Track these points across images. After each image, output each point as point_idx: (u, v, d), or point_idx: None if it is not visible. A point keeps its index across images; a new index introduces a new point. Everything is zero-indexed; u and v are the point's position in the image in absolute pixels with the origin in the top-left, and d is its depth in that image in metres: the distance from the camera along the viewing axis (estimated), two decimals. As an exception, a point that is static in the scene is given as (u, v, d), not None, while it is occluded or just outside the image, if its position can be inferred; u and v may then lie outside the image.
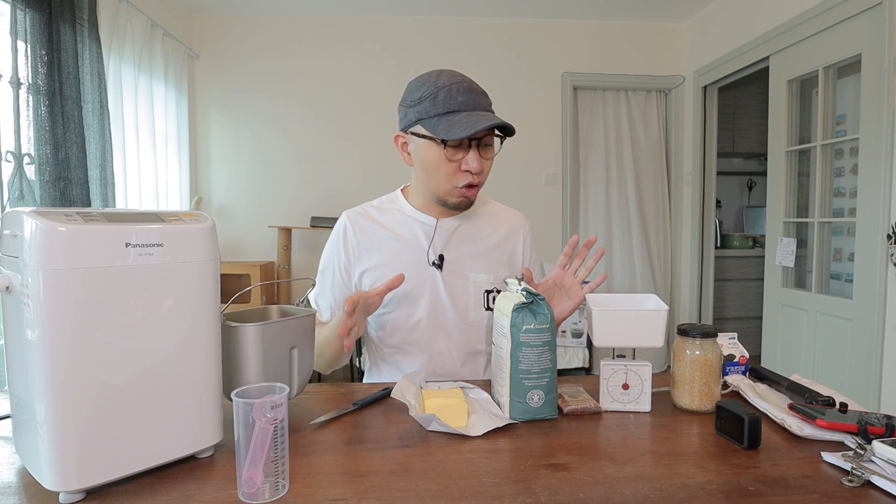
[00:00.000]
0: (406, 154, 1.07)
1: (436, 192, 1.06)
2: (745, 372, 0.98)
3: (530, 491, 0.60)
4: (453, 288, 1.10)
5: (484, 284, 1.12)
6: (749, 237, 4.38)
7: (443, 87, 0.97)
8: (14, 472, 0.65)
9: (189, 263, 0.64)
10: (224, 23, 3.43)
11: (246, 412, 0.58)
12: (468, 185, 1.02)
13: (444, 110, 0.97)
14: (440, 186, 1.04)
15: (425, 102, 0.98)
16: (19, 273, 0.56)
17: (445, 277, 1.10)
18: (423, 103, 0.98)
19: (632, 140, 3.67)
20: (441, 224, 1.11)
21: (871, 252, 2.19)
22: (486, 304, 1.12)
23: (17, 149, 1.85)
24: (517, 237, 1.18)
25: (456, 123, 0.95)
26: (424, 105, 0.98)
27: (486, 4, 3.34)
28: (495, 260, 1.14)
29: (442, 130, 0.96)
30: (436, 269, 1.10)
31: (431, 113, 0.97)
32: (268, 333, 0.76)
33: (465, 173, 1.01)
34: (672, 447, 0.73)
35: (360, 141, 3.48)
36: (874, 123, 2.16)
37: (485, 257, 1.13)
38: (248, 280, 3.14)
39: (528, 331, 0.81)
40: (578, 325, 3.07)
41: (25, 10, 1.88)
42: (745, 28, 2.98)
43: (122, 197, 2.49)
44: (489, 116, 0.98)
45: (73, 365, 0.56)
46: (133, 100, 2.63)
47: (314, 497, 0.59)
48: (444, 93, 0.97)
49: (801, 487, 0.61)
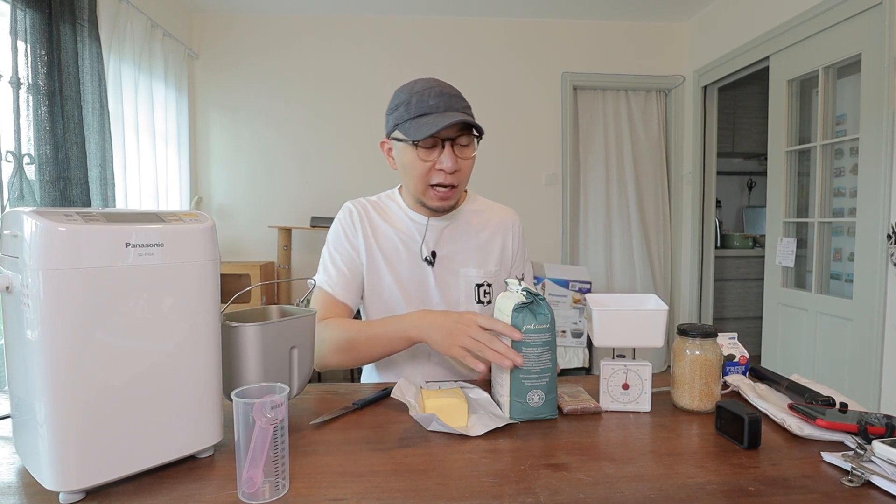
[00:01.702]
0: (391, 159, 1.12)
1: (414, 194, 1.09)
2: (745, 372, 0.98)
3: (530, 491, 0.60)
4: (445, 284, 1.12)
5: (474, 279, 1.14)
6: (749, 237, 4.38)
7: (416, 92, 1.02)
8: (14, 472, 0.65)
9: (189, 263, 0.64)
10: (224, 23, 3.43)
11: (246, 412, 0.58)
12: (442, 185, 1.04)
13: (416, 113, 1.01)
14: (416, 187, 1.07)
15: (401, 108, 1.03)
16: (19, 273, 0.56)
17: (437, 273, 1.13)
18: (399, 109, 1.04)
19: (632, 140, 3.67)
20: (432, 223, 1.14)
21: (871, 252, 2.19)
22: (476, 298, 1.14)
23: (17, 149, 1.85)
24: (507, 232, 1.21)
25: (424, 124, 0.99)
26: (400, 111, 1.03)
27: (486, 4, 3.34)
28: (486, 255, 1.17)
29: (412, 132, 1.01)
30: (428, 265, 1.12)
31: (405, 117, 1.02)
32: (268, 333, 0.76)
33: (439, 172, 1.03)
34: (672, 447, 0.73)
35: (359, 141, 3.48)
36: (874, 123, 2.16)
37: (475, 253, 1.16)
38: (248, 280, 3.14)
39: (528, 331, 0.81)
40: (578, 325, 3.07)
41: (25, 10, 1.88)
42: (745, 28, 2.98)
43: (122, 197, 2.49)
44: (455, 115, 1.00)
45: (73, 365, 0.56)
46: (133, 100, 2.63)
47: (314, 497, 0.59)
48: (417, 97, 1.02)
49: (801, 487, 0.61)
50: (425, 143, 1.01)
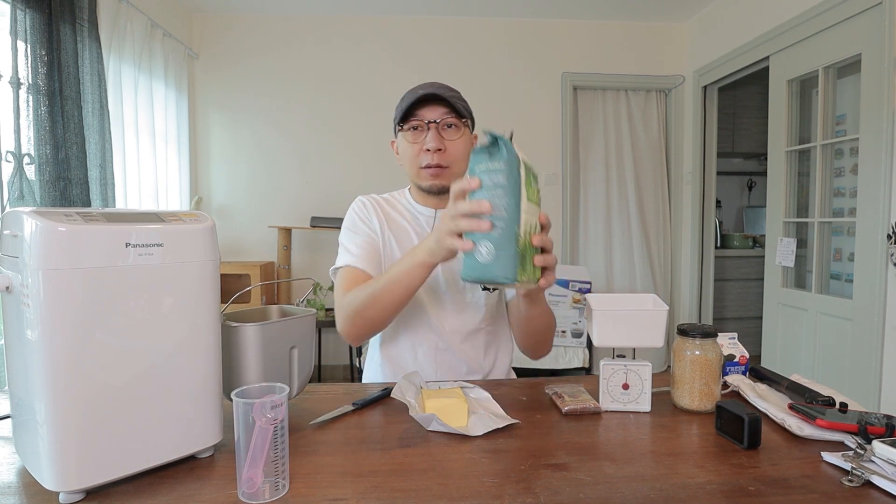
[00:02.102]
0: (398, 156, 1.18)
1: (411, 178, 1.15)
2: (745, 372, 0.98)
3: (530, 491, 0.60)
4: (451, 273, 1.13)
5: None
6: (749, 237, 4.38)
7: (410, 90, 1.11)
8: (14, 472, 0.65)
9: (189, 263, 0.64)
10: (224, 23, 3.43)
11: (246, 412, 0.58)
12: (430, 166, 1.09)
13: (405, 105, 1.09)
14: (411, 171, 1.13)
15: (398, 106, 1.12)
16: (19, 273, 0.56)
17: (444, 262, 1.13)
18: (397, 108, 1.12)
19: (632, 140, 3.66)
20: (441, 213, 1.16)
21: (871, 252, 2.19)
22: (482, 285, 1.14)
23: (17, 149, 1.85)
24: None
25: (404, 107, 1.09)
26: (398, 108, 1.12)
27: (486, 4, 3.34)
28: None
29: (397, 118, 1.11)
30: None
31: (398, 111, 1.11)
32: (268, 333, 0.76)
33: (426, 153, 1.09)
34: (672, 447, 0.73)
35: (360, 141, 3.48)
36: (874, 123, 2.16)
37: None
38: (248, 280, 3.14)
39: (480, 172, 0.74)
40: (578, 325, 3.07)
41: (25, 10, 1.88)
42: (745, 28, 2.98)
43: (122, 197, 2.49)
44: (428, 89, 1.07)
45: (72, 365, 0.56)
46: (133, 100, 2.63)
47: (314, 497, 0.59)
48: (410, 92, 1.10)
49: (801, 487, 0.61)
50: (410, 124, 1.09)
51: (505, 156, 0.73)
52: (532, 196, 0.75)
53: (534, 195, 0.76)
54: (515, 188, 0.73)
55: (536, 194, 0.77)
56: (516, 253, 0.72)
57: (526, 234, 0.74)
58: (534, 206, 0.76)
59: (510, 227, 0.72)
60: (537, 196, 0.77)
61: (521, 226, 0.73)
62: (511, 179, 0.72)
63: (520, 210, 0.73)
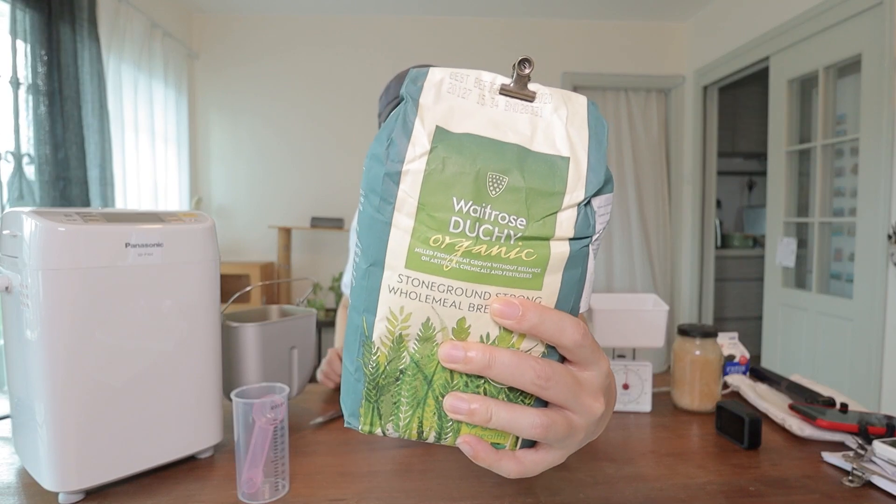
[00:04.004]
0: None
1: None
2: (745, 372, 0.98)
3: (530, 491, 0.60)
4: None
5: None
6: (749, 237, 4.38)
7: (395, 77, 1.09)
8: (14, 472, 0.65)
9: (189, 263, 0.64)
10: (224, 23, 3.43)
11: (246, 412, 0.58)
12: None
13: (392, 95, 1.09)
14: None
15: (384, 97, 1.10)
16: (19, 273, 0.56)
17: None
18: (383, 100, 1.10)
19: (632, 140, 3.67)
20: None
21: (871, 252, 2.19)
22: None
23: (17, 149, 1.85)
24: None
25: None
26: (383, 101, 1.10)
27: (485, 4, 3.34)
28: None
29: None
30: None
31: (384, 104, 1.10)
32: (268, 333, 0.76)
33: None
34: (672, 447, 0.73)
35: (359, 141, 3.48)
36: (874, 123, 2.16)
37: None
38: (248, 280, 3.14)
39: None
40: (578, 325, 3.07)
41: (25, 10, 1.88)
42: (746, 28, 2.98)
43: (122, 197, 2.49)
44: None
45: (72, 365, 0.56)
46: (133, 100, 2.63)
47: (314, 497, 0.59)
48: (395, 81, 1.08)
49: (802, 488, 0.61)
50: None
51: None
52: (433, 258, 0.29)
53: (447, 255, 0.29)
54: (373, 241, 0.30)
55: (460, 252, 0.29)
56: (359, 379, 0.32)
57: (390, 345, 0.31)
58: (453, 281, 0.30)
59: (353, 322, 0.32)
60: (468, 255, 0.29)
61: (376, 325, 0.31)
62: (365, 221, 0.31)
63: (376, 293, 0.30)
